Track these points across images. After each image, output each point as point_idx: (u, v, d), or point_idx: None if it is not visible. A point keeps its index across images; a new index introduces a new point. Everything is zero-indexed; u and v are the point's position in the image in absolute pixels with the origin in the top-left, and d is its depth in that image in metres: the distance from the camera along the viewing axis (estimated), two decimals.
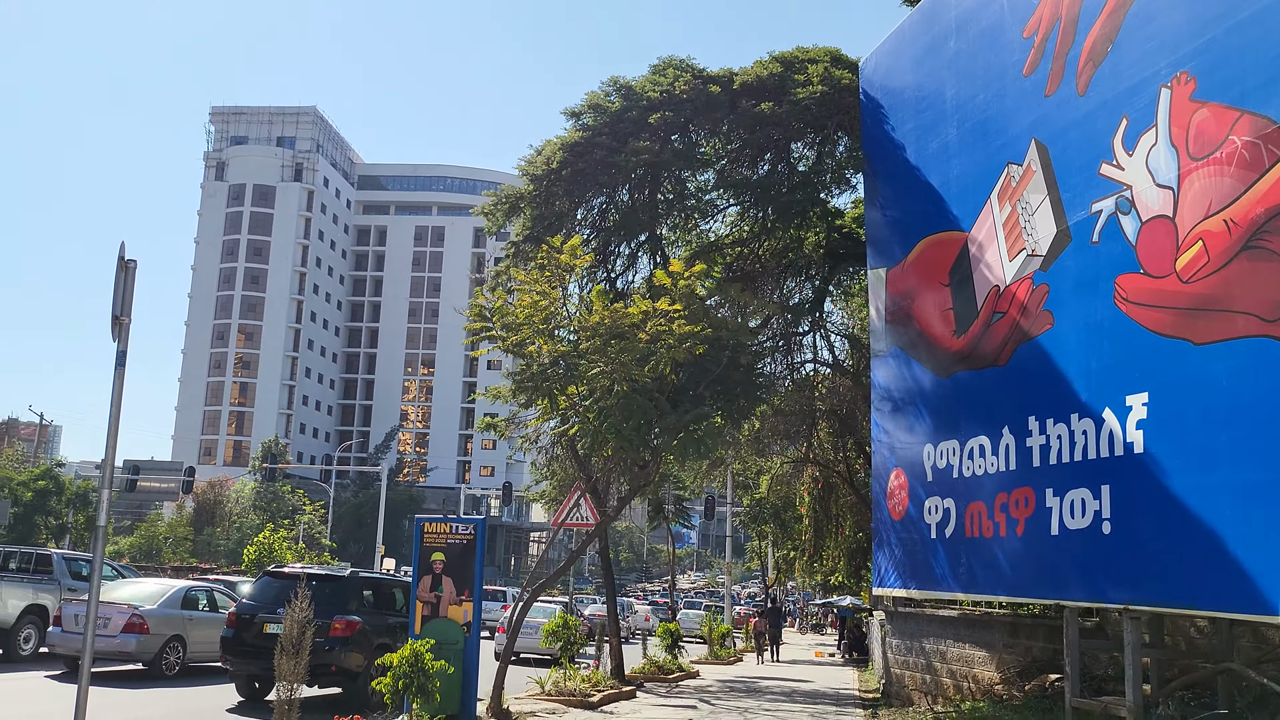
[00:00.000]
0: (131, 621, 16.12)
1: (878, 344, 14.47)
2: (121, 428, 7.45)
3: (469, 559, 12.74)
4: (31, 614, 18.15)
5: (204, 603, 18.12)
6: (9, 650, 17.77)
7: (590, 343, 11.30)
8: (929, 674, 16.22)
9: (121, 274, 7.49)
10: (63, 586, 18.98)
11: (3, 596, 17.64)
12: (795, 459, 35.20)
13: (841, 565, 33.49)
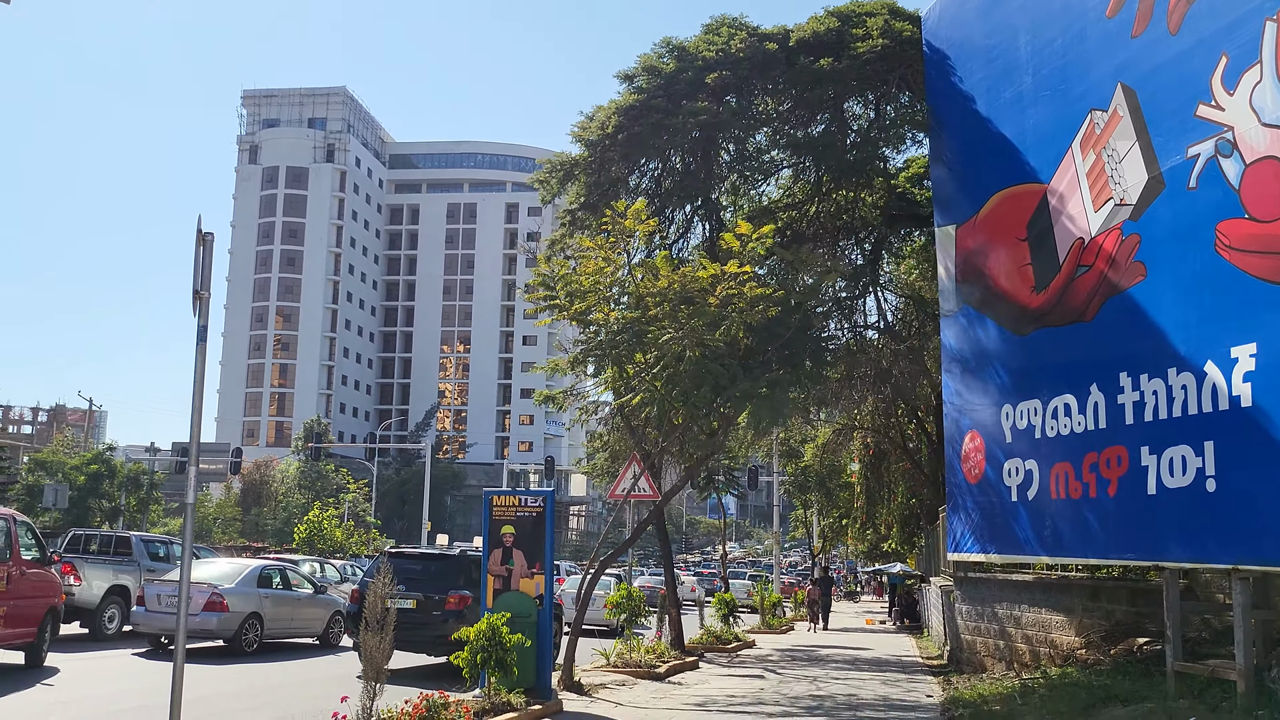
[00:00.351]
0: (211, 600, 16.53)
1: (947, 304, 14.08)
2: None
3: (539, 531, 12.56)
4: (114, 594, 18.57)
5: (278, 580, 18.54)
6: (95, 630, 18.22)
7: (659, 308, 11.01)
8: (1002, 640, 15.90)
9: (199, 248, 7.30)
10: (141, 567, 19.37)
11: (87, 578, 18.03)
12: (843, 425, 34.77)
13: (894, 532, 33.14)
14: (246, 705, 12.27)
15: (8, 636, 13.37)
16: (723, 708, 12.26)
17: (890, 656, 22.92)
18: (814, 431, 42.67)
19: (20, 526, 14.13)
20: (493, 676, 11.20)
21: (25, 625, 13.67)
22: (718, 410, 12.04)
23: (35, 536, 14.69)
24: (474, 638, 11.17)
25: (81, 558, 18.84)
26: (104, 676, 14.53)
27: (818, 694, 13.96)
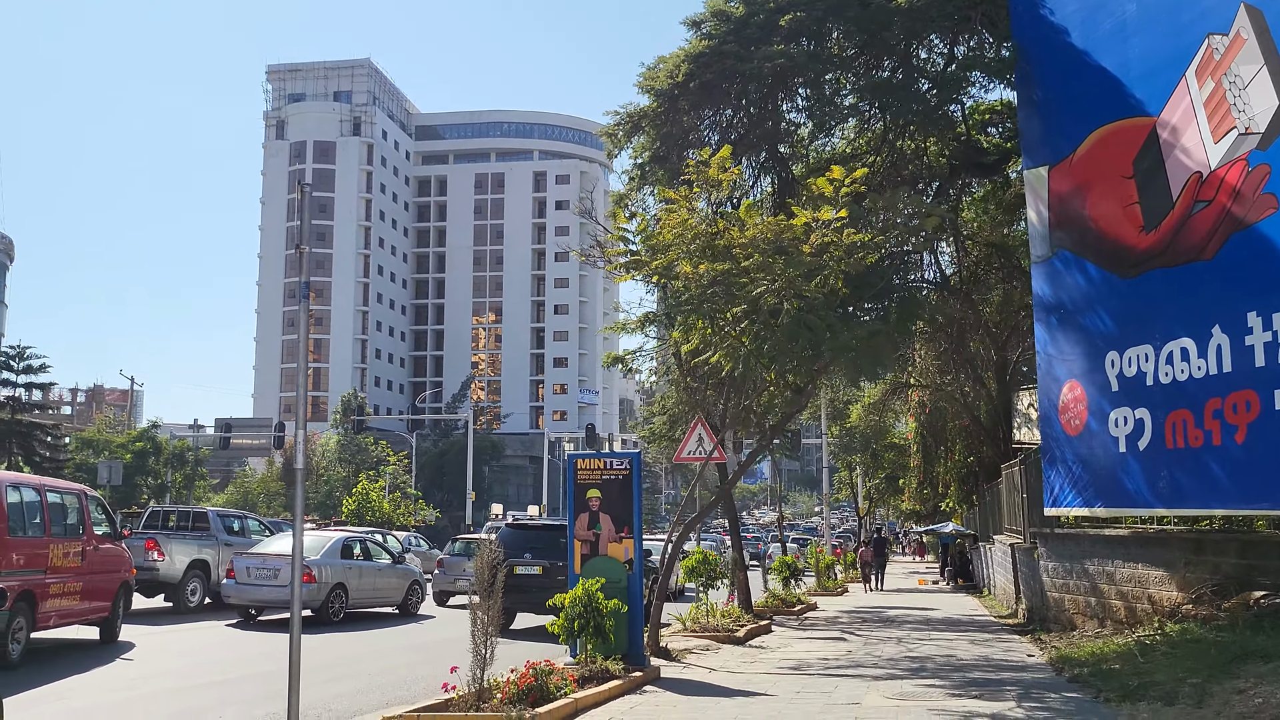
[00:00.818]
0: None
1: (1038, 249, 13.49)
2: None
3: (627, 494, 12.17)
4: (195, 568, 18.98)
5: (359, 551, 19.01)
6: (178, 603, 18.63)
7: (751, 260, 10.51)
8: (1093, 597, 15.39)
9: (301, 200, 6.89)
10: (219, 541, 19.77)
11: (170, 553, 18.40)
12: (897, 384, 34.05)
13: (952, 490, 32.61)
14: (341, 674, 12.09)
15: (85, 612, 13.37)
16: (821, 671, 11.87)
17: (961, 616, 22.52)
18: (859, 392, 42.13)
19: (91, 502, 14.10)
20: (589, 643, 10.88)
21: (100, 600, 13.70)
22: (811, 365, 11.54)
23: (106, 512, 14.62)
24: (569, 604, 10.83)
25: (162, 533, 19.21)
26: (211, 645, 14.96)
27: (912, 655, 13.55)
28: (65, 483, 14.80)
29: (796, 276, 10.29)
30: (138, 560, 16.75)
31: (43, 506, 12.52)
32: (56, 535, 12.68)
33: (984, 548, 32.15)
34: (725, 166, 11.42)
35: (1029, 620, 19.11)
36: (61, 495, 13.34)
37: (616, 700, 9.48)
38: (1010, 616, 21.51)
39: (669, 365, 16.93)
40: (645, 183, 15.00)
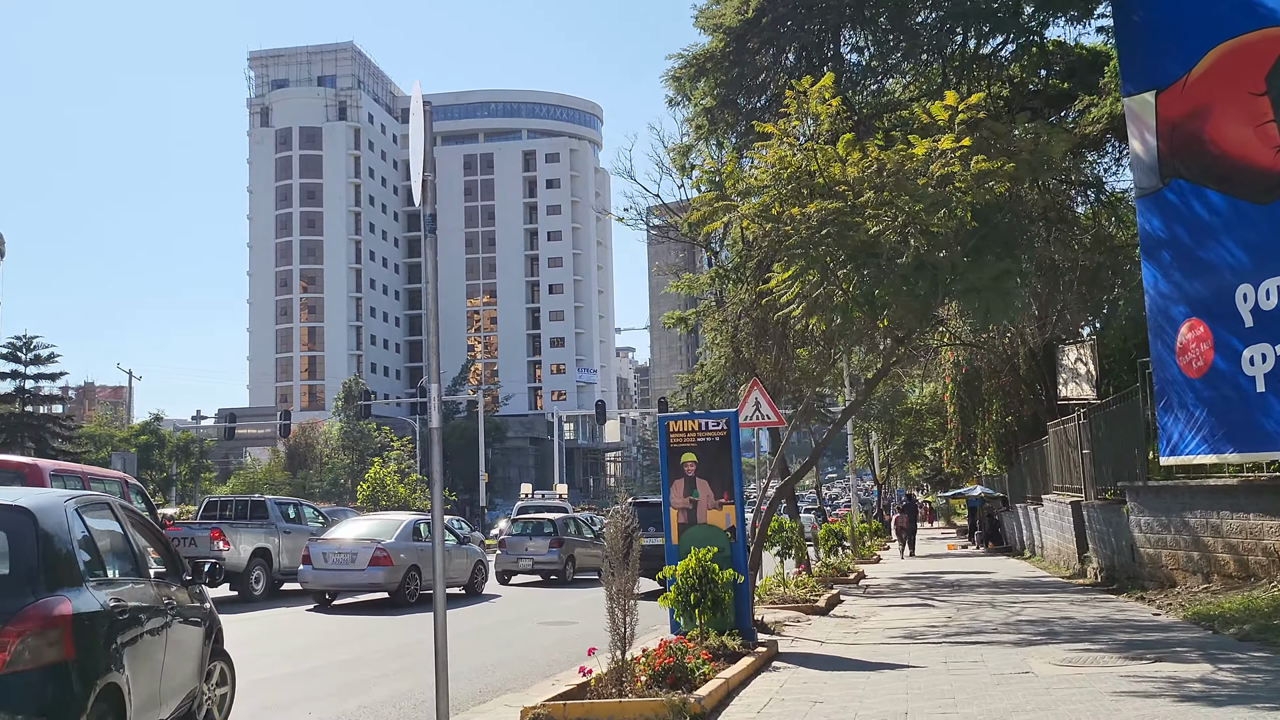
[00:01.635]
0: (376, 555, 16.98)
1: (1146, 181, 12.60)
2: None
3: (725, 457, 11.28)
4: (258, 557, 18.99)
5: (425, 534, 18.97)
6: (244, 591, 18.63)
7: (867, 196, 9.59)
8: (1196, 551, 14.60)
9: (423, 119, 5.97)
10: (278, 529, 19.85)
11: (236, 543, 18.46)
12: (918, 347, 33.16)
13: (990, 451, 31.83)
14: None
15: None
16: (943, 639, 11.06)
17: (1023, 578, 21.80)
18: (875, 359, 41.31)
19: (132, 490, 13.76)
20: (703, 617, 10.02)
21: None
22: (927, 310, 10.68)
23: (146, 501, 14.23)
24: (680, 576, 9.96)
25: (226, 523, 19.24)
26: (303, 630, 15.03)
27: (1024, 619, 12.77)
28: (107, 471, 14.39)
29: (920, 210, 9.38)
30: (203, 550, 17.06)
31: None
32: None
33: (1022, 509, 31.44)
34: (825, 97, 10.48)
35: (1107, 579, 18.35)
36: (104, 484, 12.77)
37: (757, 679, 8.63)
38: (1078, 577, 20.75)
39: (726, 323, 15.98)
40: (714, 129, 14.03)
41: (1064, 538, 23.66)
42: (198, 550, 17.14)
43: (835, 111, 10.54)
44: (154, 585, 6.30)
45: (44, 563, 5.09)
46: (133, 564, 6.24)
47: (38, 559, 5.07)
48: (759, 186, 10.64)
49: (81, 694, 4.88)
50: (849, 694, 7.65)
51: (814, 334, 13.54)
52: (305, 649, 12.75)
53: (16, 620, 4.72)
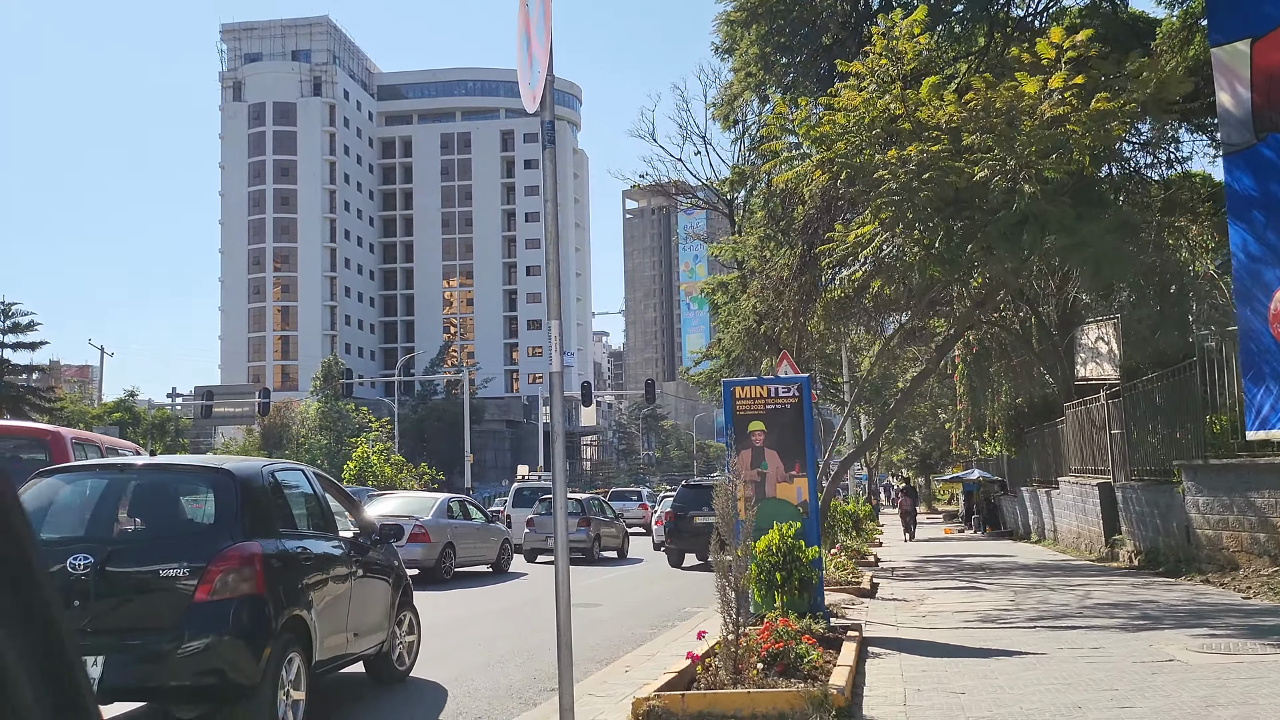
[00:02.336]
0: (415, 532, 17.04)
1: (1237, 136, 11.78)
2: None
3: (797, 425, 10.39)
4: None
5: (458, 511, 19.38)
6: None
7: (974, 138, 8.70)
8: (1263, 532, 13.91)
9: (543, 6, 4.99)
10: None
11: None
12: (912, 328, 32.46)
13: (1000, 434, 31.18)
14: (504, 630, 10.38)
15: None
16: (1026, 624, 10.27)
17: (1050, 561, 21.13)
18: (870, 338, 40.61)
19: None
20: (783, 599, 9.15)
21: None
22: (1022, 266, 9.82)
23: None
24: (761, 553, 9.07)
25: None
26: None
27: (1099, 603, 12.00)
28: (122, 441, 13.54)
29: (1032, 154, 8.50)
30: None
31: None
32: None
33: (1029, 492, 30.85)
34: (915, 33, 9.57)
35: (1148, 563, 17.68)
36: (119, 453, 11.87)
37: (866, 666, 7.74)
38: (1108, 560, 20.10)
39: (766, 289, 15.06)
40: (769, 76, 13.06)
41: (1086, 520, 23.00)
42: None
43: (923, 50, 9.61)
44: (342, 542, 7.36)
45: (242, 515, 6.16)
46: (322, 523, 7.31)
47: (237, 512, 6.16)
48: (837, 133, 9.70)
49: (270, 622, 5.93)
50: (986, 684, 6.79)
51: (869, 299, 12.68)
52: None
53: (218, 559, 5.82)
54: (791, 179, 10.80)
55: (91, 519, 6.32)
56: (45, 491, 6.41)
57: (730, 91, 13.84)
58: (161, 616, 5.76)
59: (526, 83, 5.30)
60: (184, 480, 6.83)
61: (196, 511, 6.56)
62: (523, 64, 5.36)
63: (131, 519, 6.42)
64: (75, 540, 6.03)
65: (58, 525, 6.28)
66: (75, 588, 5.67)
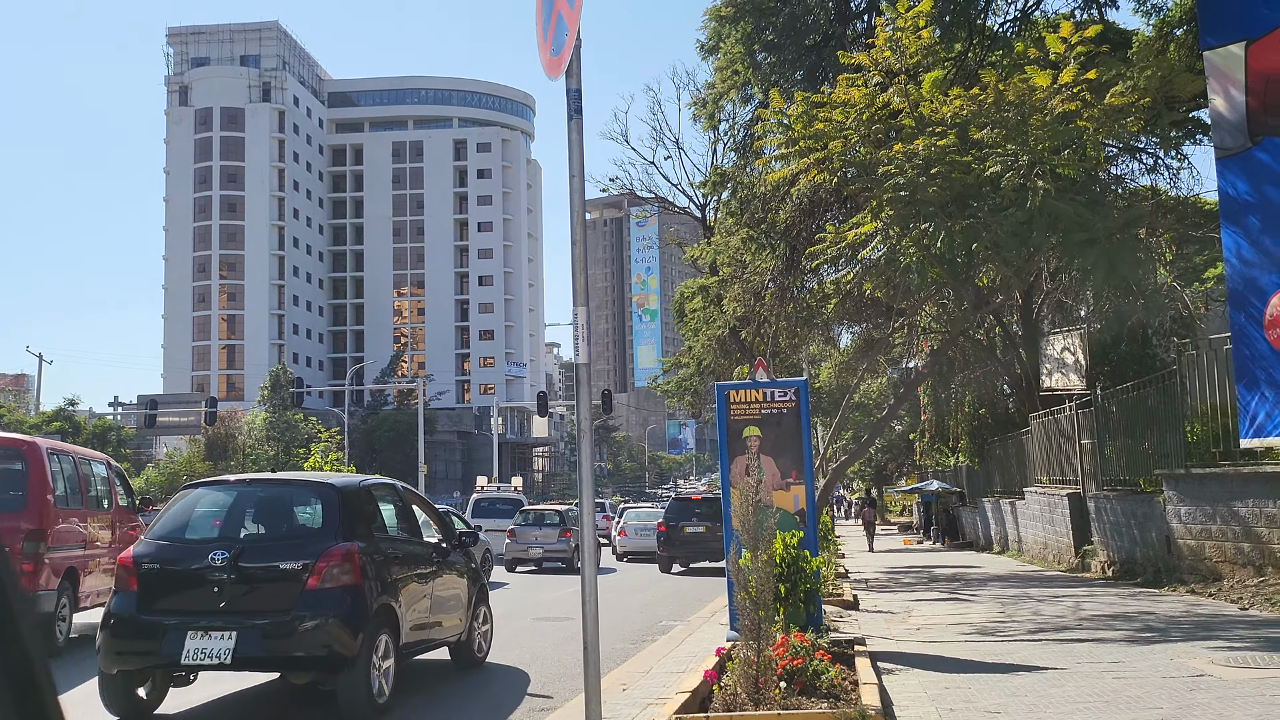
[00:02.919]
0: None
1: (1231, 140, 11.62)
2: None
3: (794, 431, 10.01)
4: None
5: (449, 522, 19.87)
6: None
7: (985, 133, 8.39)
8: (1247, 542, 13.79)
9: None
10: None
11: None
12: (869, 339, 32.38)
13: (963, 444, 31.16)
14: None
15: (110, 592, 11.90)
16: (1027, 636, 9.95)
17: (1021, 572, 21.00)
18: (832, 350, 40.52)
19: (114, 472, 13.28)
20: (784, 611, 8.73)
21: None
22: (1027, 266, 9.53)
23: (125, 483, 13.70)
24: (764, 564, 8.63)
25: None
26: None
27: (1095, 614, 11.73)
28: (93, 452, 13.34)
29: (1045, 149, 8.20)
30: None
31: (78, 477, 11.60)
32: (91, 508, 11.80)
33: (990, 503, 30.84)
34: (919, 25, 9.25)
35: (1124, 573, 17.56)
36: (92, 464, 12.34)
37: (886, 683, 7.33)
38: (1079, 570, 19.99)
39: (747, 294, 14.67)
40: (754, 75, 12.70)
41: (1055, 531, 22.92)
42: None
43: (928, 45, 9.30)
44: (425, 546, 8.75)
45: (343, 521, 7.49)
46: (409, 529, 8.76)
47: (339, 518, 7.50)
48: (835, 130, 9.35)
49: (366, 607, 7.17)
50: (1018, 702, 6.42)
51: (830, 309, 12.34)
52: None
53: (325, 556, 7.11)
54: (787, 176, 10.44)
55: (225, 523, 7.75)
56: (191, 500, 7.96)
57: (714, 91, 13.48)
58: (281, 601, 7.05)
59: (549, 48, 4.83)
60: (297, 492, 8.20)
61: (307, 517, 7.90)
62: (544, 26, 4.89)
63: (257, 523, 7.86)
64: (213, 540, 7.47)
65: (200, 529, 7.72)
66: (214, 578, 7.08)
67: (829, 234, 10.87)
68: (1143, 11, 16.31)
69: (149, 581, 7.28)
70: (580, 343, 4.68)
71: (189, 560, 7.33)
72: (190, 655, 6.83)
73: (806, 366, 39.96)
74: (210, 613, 7.05)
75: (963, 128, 8.71)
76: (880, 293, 10.95)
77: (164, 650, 6.94)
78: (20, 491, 10.38)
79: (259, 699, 8.39)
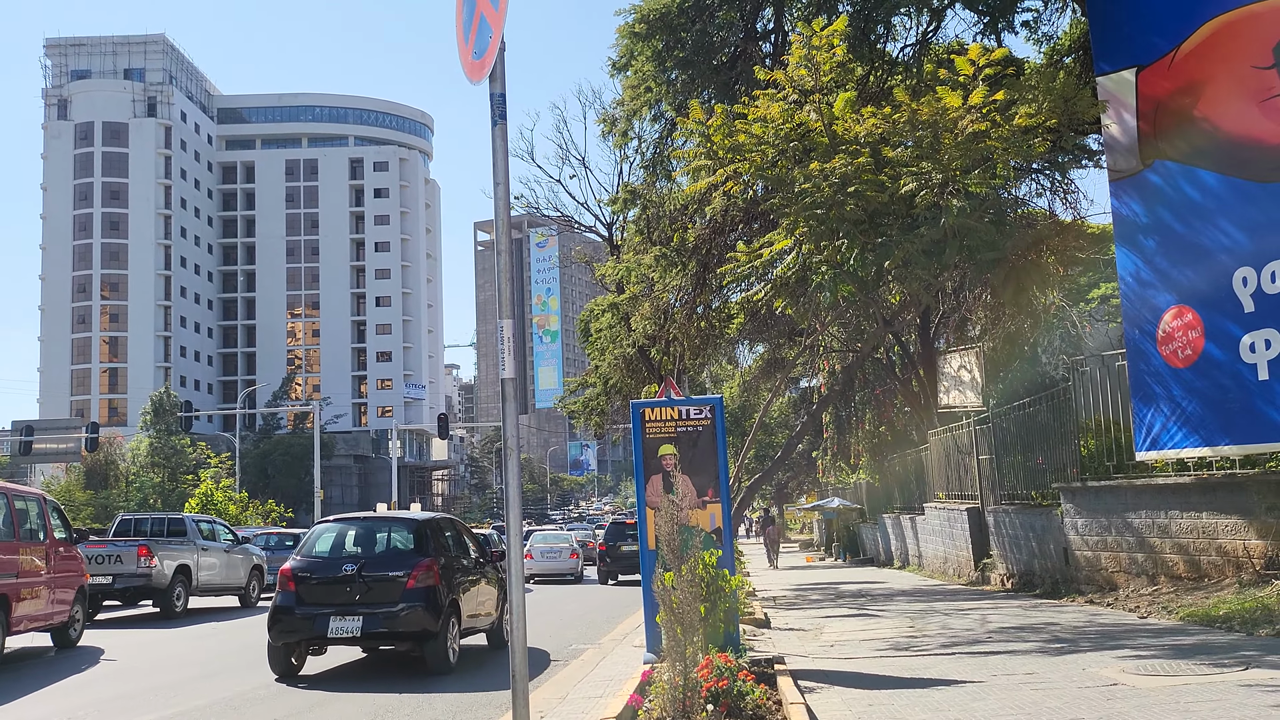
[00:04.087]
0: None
1: (1124, 163, 12.04)
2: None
3: (710, 449, 9.92)
4: (180, 574, 18.88)
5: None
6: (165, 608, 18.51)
7: (900, 151, 8.47)
8: (1140, 553, 14.22)
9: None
10: (197, 546, 19.85)
11: (161, 560, 18.32)
12: (770, 359, 32.79)
13: (864, 461, 31.65)
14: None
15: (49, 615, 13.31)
16: (939, 651, 10.02)
17: (924, 587, 21.33)
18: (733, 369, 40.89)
19: (49, 507, 14.11)
20: (704, 631, 8.60)
21: (62, 604, 13.72)
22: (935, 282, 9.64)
23: (62, 517, 14.54)
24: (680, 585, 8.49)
25: (151, 539, 19.11)
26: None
27: (1003, 627, 11.90)
28: (24, 487, 14.59)
29: (957, 168, 8.32)
30: (130, 567, 17.66)
31: (10, 510, 12.65)
32: (24, 540, 12.81)
33: (891, 520, 31.37)
34: (834, 43, 9.32)
35: (1023, 585, 17.97)
36: (25, 500, 13.44)
37: (809, 701, 7.25)
38: (979, 583, 20.40)
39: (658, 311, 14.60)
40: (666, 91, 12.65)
41: (955, 545, 23.36)
42: (124, 567, 17.67)
43: (841, 61, 9.37)
44: (472, 559, 12.38)
45: (425, 543, 11.18)
46: (462, 549, 12.32)
47: (423, 542, 11.20)
48: (753, 144, 9.34)
49: (442, 600, 10.72)
50: (942, 717, 6.39)
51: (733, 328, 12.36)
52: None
53: (416, 567, 10.70)
54: (701, 189, 10.40)
55: (352, 543, 11.66)
56: (323, 530, 11.97)
57: (624, 109, 13.41)
58: (390, 596, 10.55)
59: (471, 50, 4.64)
60: (394, 524, 12.00)
61: (401, 541, 11.47)
62: (465, 27, 4.71)
63: (370, 545, 11.53)
64: (345, 556, 11.25)
65: (337, 548, 11.56)
66: (346, 581, 10.65)
67: (740, 252, 10.85)
68: (1034, 40, 16.82)
69: (301, 585, 10.79)
70: (506, 356, 4.48)
71: (328, 570, 10.96)
72: (333, 631, 10.39)
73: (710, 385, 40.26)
74: (344, 604, 10.54)
75: (875, 146, 8.80)
76: (790, 310, 10.95)
77: (315, 628, 10.45)
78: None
79: (367, 665, 11.77)
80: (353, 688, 10.22)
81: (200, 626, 17.20)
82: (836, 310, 10.87)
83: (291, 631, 10.52)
